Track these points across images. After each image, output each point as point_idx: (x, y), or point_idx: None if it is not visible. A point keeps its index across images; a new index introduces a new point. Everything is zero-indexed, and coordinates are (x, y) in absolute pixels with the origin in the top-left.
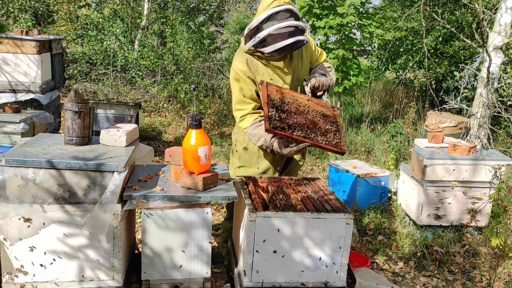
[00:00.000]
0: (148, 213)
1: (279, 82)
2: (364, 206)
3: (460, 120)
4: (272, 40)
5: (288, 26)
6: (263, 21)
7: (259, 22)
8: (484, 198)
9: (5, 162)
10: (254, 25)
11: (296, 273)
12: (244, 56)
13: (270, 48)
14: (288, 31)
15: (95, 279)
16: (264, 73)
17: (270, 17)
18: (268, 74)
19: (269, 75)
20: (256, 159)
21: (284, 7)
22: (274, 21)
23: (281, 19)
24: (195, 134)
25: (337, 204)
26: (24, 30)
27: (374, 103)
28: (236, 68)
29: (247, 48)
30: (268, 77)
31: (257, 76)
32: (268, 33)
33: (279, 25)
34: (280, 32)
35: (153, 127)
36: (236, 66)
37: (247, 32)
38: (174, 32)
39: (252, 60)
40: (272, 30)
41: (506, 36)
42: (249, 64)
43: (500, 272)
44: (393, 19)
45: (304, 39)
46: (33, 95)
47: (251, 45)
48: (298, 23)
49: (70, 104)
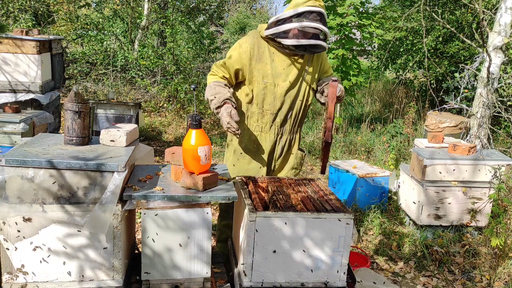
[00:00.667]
0: (148, 213)
1: (281, 75)
2: (364, 206)
3: (460, 120)
4: (295, 35)
5: (315, 28)
6: (294, 15)
7: (290, 15)
8: (484, 198)
9: (5, 162)
10: (285, 16)
11: (296, 273)
12: (255, 39)
13: (290, 41)
14: (313, 33)
15: (95, 279)
16: (267, 62)
17: (302, 14)
18: (271, 64)
19: (273, 66)
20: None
21: (318, 9)
22: (304, 19)
23: (312, 19)
24: (195, 134)
25: (337, 204)
26: (24, 30)
27: (374, 103)
28: (242, 43)
29: (267, 34)
30: (270, 67)
31: (258, 63)
32: (295, 27)
33: (309, 24)
34: (308, 31)
35: (153, 127)
36: (243, 42)
37: (275, 20)
38: (174, 32)
39: (260, 46)
40: (299, 26)
41: (506, 36)
42: (254, 48)
43: (500, 272)
44: (393, 19)
45: (325, 46)
46: (33, 95)
47: (272, 32)
48: (325, 28)
49: (70, 104)
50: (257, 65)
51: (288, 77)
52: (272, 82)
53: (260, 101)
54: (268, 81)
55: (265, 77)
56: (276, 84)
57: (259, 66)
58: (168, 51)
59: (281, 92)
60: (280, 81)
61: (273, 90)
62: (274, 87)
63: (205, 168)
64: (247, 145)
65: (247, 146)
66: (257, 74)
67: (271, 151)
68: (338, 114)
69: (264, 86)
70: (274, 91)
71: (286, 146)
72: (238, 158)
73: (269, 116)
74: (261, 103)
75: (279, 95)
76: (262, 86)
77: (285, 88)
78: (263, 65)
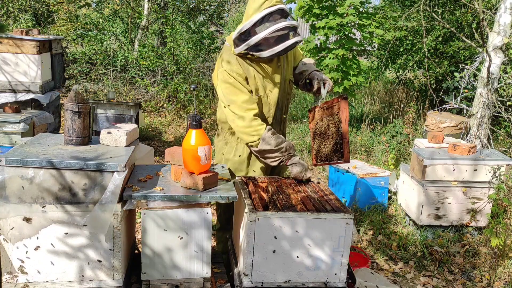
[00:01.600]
0: (148, 213)
1: (269, 84)
2: (364, 206)
3: (460, 120)
4: (268, 43)
5: (284, 28)
6: (255, 23)
7: (251, 25)
8: (484, 198)
9: (5, 162)
10: (245, 27)
11: (296, 273)
12: (232, 58)
13: (268, 53)
14: (285, 33)
15: (95, 279)
16: (255, 76)
17: (263, 19)
18: (259, 77)
19: (260, 78)
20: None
21: (277, 7)
22: (267, 23)
23: (275, 20)
24: (195, 134)
25: (337, 204)
26: (24, 30)
27: (374, 103)
28: (230, 71)
29: (238, 52)
30: (258, 80)
31: (249, 79)
32: (264, 36)
33: (275, 27)
34: (277, 35)
35: (153, 127)
36: (231, 69)
37: (237, 35)
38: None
39: (243, 64)
40: (268, 33)
41: (506, 36)
42: (243, 69)
43: (500, 272)
44: (393, 19)
45: (300, 39)
46: (33, 95)
47: (244, 49)
48: (293, 22)
49: (70, 104)
50: (249, 82)
51: (274, 82)
52: (264, 94)
53: (258, 115)
54: (260, 94)
55: (257, 91)
56: (268, 94)
57: (250, 82)
58: (168, 51)
59: (274, 100)
60: (269, 89)
61: (267, 100)
62: (267, 98)
63: (205, 168)
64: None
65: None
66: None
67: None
68: None
69: (258, 100)
70: (267, 101)
71: None
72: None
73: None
74: (260, 116)
75: (273, 103)
76: (256, 101)
77: (276, 95)
78: (252, 80)
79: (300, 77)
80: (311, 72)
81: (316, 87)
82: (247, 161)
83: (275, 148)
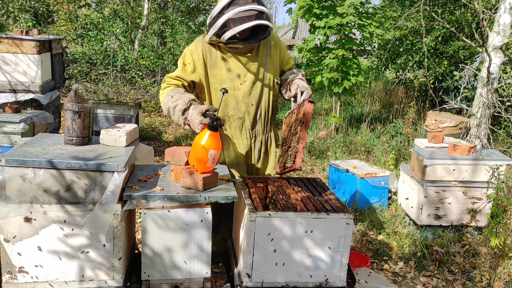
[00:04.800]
0: (148, 213)
1: (240, 77)
2: (364, 206)
3: (460, 120)
4: (232, 25)
5: (249, 10)
6: (224, 7)
7: (219, 9)
8: (484, 198)
9: (5, 162)
10: (215, 13)
11: (296, 273)
12: (205, 45)
13: (229, 33)
14: (250, 15)
15: (95, 279)
16: (222, 66)
17: (231, 3)
18: (227, 68)
19: (228, 69)
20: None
21: None
22: (235, 6)
23: (243, 4)
24: (209, 135)
25: (337, 204)
26: (24, 30)
27: (374, 103)
28: (192, 50)
29: (209, 38)
30: (226, 71)
31: (213, 69)
32: (228, 17)
33: (239, 8)
34: (241, 15)
35: (153, 127)
36: (193, 50)
37: (209, 21)
38: (174, 32)
39: (211, 52)
40: (232, 14)
41: (506, 36)
42: (207, 55)
43: (500, 272)
44: (393, 19)
45: (268, 24)
46: (33, 95)
47: (212, 33)
48: (261, 7)
49: (70, 104)
50: (212, 72)
51: (247, 77)
52: (231, 86)
53: (222, 108)
54: (226, 86)
55: (223, 82)
56: (236, 87)
57: (214, 72)
58: (168, 51)
59: (243, 94)
60: (239, 83)
61: (234, 93)
62: (235, 91)
63: (208, 170)
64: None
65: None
66: (214, 81)
67: (248, 157)
68: (338, 114)
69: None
70: (235, 94)
71: (262, 147)
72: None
73: (237, 121)
74: (225, 110)
75: (242, 98)
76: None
77: (246, 89)
78: (218, 71)
79: (284, 82)
80: (295, 79)
81: (293, 92)
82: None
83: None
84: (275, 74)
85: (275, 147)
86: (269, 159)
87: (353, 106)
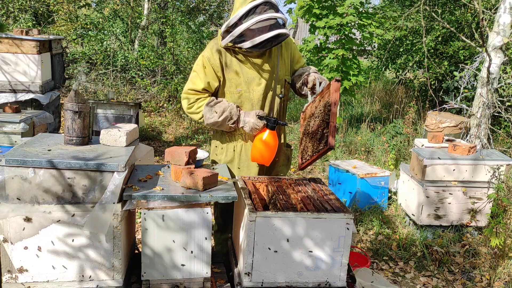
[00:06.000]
0: (148, 213)
1: (255, 80)
2: (364, 206)
3: (460, 120)
4: (251, 34)
5: (268, 19)
6: (242, 16)
7: (237, 19)
8: (484, 198)
9: (5, 162)
10: (233, 21)
11: (296, 273)
12: (220, 49)
13: (249, 43)
14: (269, 24)
15: (95, 279)
16: (237, 70)
17: (249, 12)
18: (242, 71)
19: (243, 72)
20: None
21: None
22: (253, 15)
23: (261, 12)
24: (270, 133)
25: (337, 204)
26: (24, 30)
27: (374, 103)
28: (209, 57)
29: (224, 44)
30: (241, 74)
31: (229, 72)
32: (246, 27)
33: (259, 17)
34: (260, 26)
35: (153, 127)
36: (210, 56)
37: (225, 28)
38: (174, 32)
39: (226, 55)
40: (251, 24)
41: (506, 36)
42: (221, 58)
43: (500, 272)
44: (393, 19)
45: (286, 32)
46: (33, 95)
47: (229, 41)
48: (279, 15)
49: (70, 104)
50: (228, 75)
51: (262, 79)
52: (247, 89)
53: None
54: (242, 89)
55: (238, 85)
56: (252, 90)
57: (230, 76)
58: (168, 51)
59: (258, 97)
60: (255, 85)
61: (249, 96)
62: (250, 94)
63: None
64: (233, 159)
65: (233, 160)
66: (230, 84)
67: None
68: (338, 114)
69: (239, 95)
70: (250, 97)
71: None
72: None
73: None
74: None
75: (257, 100)
76: (237, 96)
77: (261, 92)
78: (234, 74)
79: (299, 79)
80: (311, 73)
81: (311, 83)
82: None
83: (220, 119)
84: (286, 73)
85: (283, 146)
86: (280, 158)
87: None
